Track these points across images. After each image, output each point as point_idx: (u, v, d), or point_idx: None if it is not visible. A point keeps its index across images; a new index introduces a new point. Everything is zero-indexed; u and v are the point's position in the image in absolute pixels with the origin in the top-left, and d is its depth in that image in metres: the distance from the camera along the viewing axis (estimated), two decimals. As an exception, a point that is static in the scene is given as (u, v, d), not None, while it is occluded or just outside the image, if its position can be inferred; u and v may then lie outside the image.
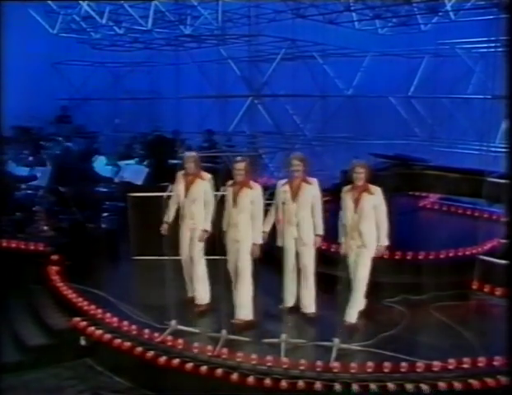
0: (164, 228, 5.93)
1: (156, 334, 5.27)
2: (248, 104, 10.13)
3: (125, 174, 9.11)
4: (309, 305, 5.84)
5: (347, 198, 5.57)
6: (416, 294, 6.17)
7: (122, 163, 9.70)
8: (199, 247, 5.98)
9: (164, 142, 11.16)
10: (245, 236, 5.58)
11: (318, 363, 4.70)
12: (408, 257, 6.75)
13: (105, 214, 9.01)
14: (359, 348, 5.04)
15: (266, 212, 6.29)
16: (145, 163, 9.65)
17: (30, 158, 10.18)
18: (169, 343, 5.12)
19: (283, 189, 5.75)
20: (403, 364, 4.68)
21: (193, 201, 5.91)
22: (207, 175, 6.04)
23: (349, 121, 11.44)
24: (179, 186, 5.99)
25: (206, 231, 5.92)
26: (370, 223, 5.48)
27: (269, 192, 6.91)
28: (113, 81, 13.90)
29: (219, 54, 12.04)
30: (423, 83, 11.40)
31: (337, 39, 10.70)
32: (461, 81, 10.69)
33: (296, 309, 5.89)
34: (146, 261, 7.42)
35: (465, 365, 4.72)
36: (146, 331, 5.32)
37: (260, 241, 5.62)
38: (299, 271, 5.84)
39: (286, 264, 5.72)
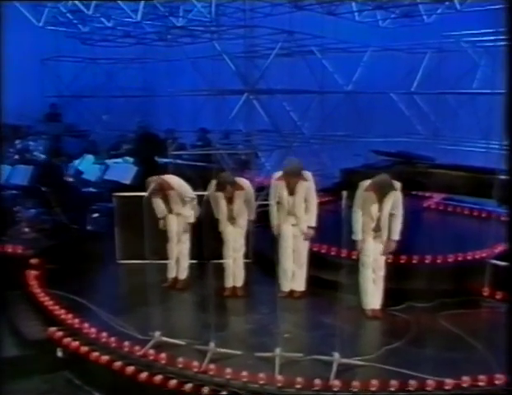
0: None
1: (138, 347, 4.78)
2: (243, 100, 9.73)
3: (113, 173, 8.63)
4: (301, 284, 6.13)
5: (371, 197, 5.52)
6: (423, 301, 5.72)
7: (110, 162, 9.24)
8: (185, 229, 6.41)
9: (150, 139, 10.70)
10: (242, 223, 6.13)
11: (317, 381, 4.23)
12: (414, 262, 6.32)
13: (94, 215, 8.60)
14: (361, 363, 4.56)
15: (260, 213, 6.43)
16: (132, 161, 9.18)
17: (16, 156, 9.76)
18: (151, 357, 4.64)
19: (279, 185, 5.95)
20: (412, 381, 4.21)
21: (173, 203, 6.32)
22: (175, 184, 6.29)
23: (348, 118, 11.00)
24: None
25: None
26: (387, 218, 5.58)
27: (265, 193, 6.74)
28: (105, 77, 13.45)
29: (213, 50, 11.63)
30: (426, 78, 10.94)
31: (336, 33, 10.27)
32: (466, 76, 10.24)
33: (291, 294, 6.14)
34: (133, 265, 6.97)
35: (481, 383, 4.24)
36: (127, 343, 4.84)
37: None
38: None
39: (284, 252, 6.03)
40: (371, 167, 5.83)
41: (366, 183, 5.57)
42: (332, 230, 5.63)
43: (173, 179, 6.34)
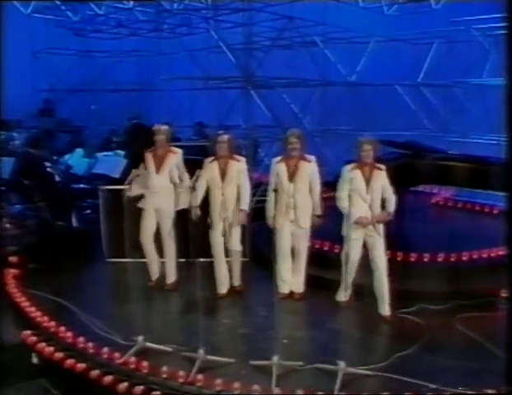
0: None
1: (118, 354, 4.27)
2: (241, 91, 9.29)
3: (101, 166, 8.14)
4: (299, 286, 5.62)
5: (358, 177, 5.15)
6: (436, 303, 5.26)
7: (99, 155, 8.75)
8: (168, 225, 5.74)
9: (142, 132, 10.21)
10: (236, 212, 5.49)
11: (319, 393, 3.75)
12: (425, 260, 5.84)
13: (85, 212, 8.15)
14: (369, 372, 4.06)
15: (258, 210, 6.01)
16: (123, 154, 8.69)
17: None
18: (132, 366, 4.13)
19: (279, 169, 5.44)
20: (427, 393, 3.72)
21: (165, 178, 5.68)
22: (178, 150, 5.81)
23: (351, 111, 10.55)
24: (149, 163, 5.74)
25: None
26: (378, 204, 5.12)
27: (263, 189, 6.41)
28: (99, 71, 13.01)
29: (211, 41, 11.22)
30: (433, 70, 10.46)
31: (338, 21, 9.80)
32: (475, 66, 9.75)
33: (291, 295, 5.62)
34: (121, 264, 6.46)
35: (505, 396, 3.74)
36: (106, 349, 4.32)
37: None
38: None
39: (281, 249, 5.49)
40: (376, 159, 5.30)
41: (351, 165, 5.29)
42: (335, 226, 5.33)
43: (178, 149, 5.85)
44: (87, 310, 5.17)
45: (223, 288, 5.67)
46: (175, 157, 5.73)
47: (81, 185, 8.88)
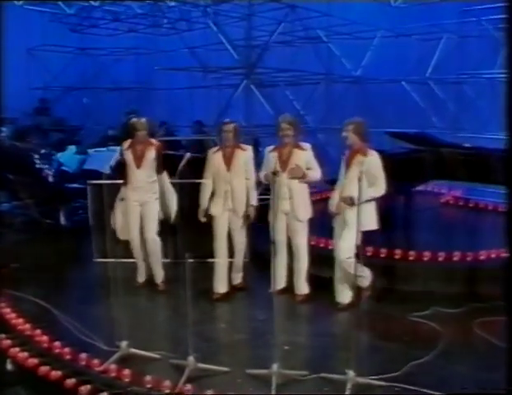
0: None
1: (99, 360, 3.82)
2: (242, 86, 8.95)
3: (93, 162, 7.72)
4: (302, 287, 5.21)
5: (342, 164, 4.95)
6: (452, 305, 4.82)
7: (91, 151, 8.34)
8: (154, 223, 5.45)
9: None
10: (242, 203, 5.18)
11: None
12: (440, 259, 5.41)
13: (78, 212, 7.76)
14: (382, 383, 3.59)
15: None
16: (118, 150, 8.28)
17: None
18: (113, 374, 3.67)
19: (271, 157, 5.10)
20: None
21: (146, 174, 5.41)
22: (157, 142, 5.56)
23: (356, 108, 10.14)
24: (128, 159, 5.45)
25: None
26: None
27: (262, 188, 6.14)
28: (96, 69, 12.68)
29: (212, 38, 10.91)
30: (441, 65, 10.06)
31: (344, 13, 9.43)
32: (486, 60, 9.34)
33: (287, 291, 5.24)
34: (110, 264, 6.03)
35: (540, 411, 3.27)
36: (84, 355, 3.87)
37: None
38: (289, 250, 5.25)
39: (276, 243, 4.90)
40: (383, 154, 4.88)
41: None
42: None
43: (156, 141, 5.56)
44: (69, 313, 4.77)
45: (221, 287, 5.26)
46: (151, 153, 5.40)
47: (75, 185, 8.54)
